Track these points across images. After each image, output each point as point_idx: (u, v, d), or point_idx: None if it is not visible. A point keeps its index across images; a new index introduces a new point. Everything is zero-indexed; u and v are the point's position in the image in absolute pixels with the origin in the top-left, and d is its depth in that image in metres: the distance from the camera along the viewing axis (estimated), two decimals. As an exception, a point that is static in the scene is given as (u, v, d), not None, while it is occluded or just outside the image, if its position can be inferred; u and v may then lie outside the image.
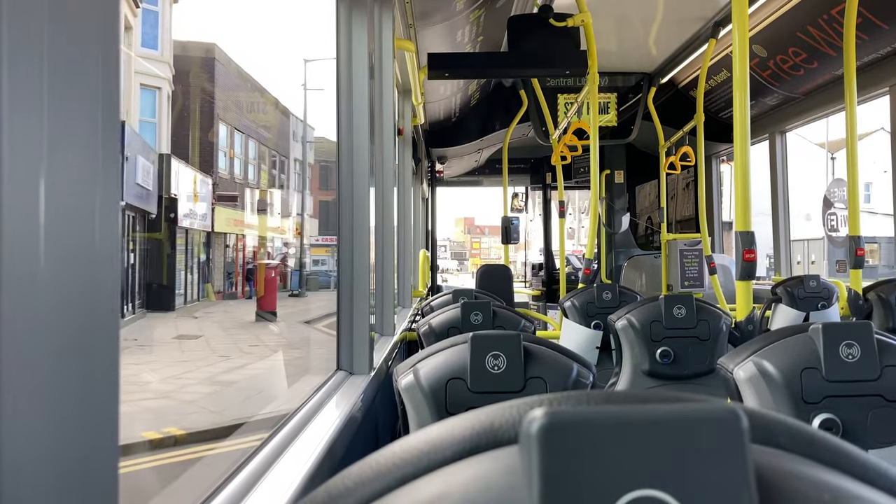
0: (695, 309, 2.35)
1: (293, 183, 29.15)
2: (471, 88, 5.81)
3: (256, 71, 69.43)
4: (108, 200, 0.55)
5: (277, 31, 63.28)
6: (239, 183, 23.21)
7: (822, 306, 3.26)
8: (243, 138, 23.94)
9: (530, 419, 0.33)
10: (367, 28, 2.09)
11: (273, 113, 27.79)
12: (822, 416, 1.38)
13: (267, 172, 26.43)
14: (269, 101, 27.38)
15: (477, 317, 2.34)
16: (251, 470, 1.11)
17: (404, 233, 4.49)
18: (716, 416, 0.33)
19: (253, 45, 52.74)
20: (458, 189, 8.26)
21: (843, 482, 0.36)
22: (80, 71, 0.52)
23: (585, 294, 3.14)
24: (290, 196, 28.95)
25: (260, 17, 57.20)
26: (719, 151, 6.05)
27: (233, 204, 22.11)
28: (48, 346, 0.49)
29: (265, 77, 78.57)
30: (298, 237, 27.36)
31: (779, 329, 1.52)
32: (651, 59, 5.56)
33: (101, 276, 0.54)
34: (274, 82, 74.59)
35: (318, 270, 29.70)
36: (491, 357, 1.38)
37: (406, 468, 0.37)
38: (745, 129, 2.29)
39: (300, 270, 25.44)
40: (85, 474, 0.52)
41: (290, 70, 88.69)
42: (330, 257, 30.43)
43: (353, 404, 1.57)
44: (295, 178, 29.16)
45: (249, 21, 52.53)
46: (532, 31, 3.41)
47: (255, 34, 54.39)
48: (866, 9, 3.37)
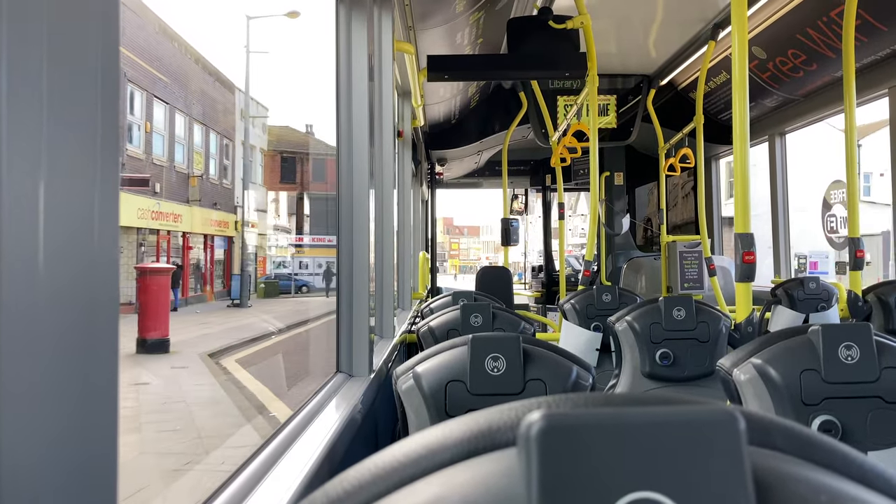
0: (694, 311, 2.35)
1: (239, 172, 23.80)
2: (470, 90, 5.82)
3: (192, 33, 59.44)
4: (107, 200, 0.55)
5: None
6: (161, 166, 18.55)
7: (821, 308, 3.26)
8: (167, 110, 18.98)
9: (528, 422, 0.33)
10: (367, 30, 2.09)
11: (216, 88, 23.09)
12: (821, 418, 1.38)
13: (203, 155, 21.46)
14: (210, 71, 22.56)
15: (477, 319, 2.34)
16: (251, 472, 1.11)
17: (404, 235, 4.49)
18: (713, 419, 0.33)
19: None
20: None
21: (840, 484, 0.36)
22: (79, 71, 0.52)
23: (585, 296, 3.14)
24: (242, 187, 23.66)
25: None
26: (719, 153, 6.06)
27: (147, 190, 17.22)
28: (47, 347, 0.49)
29: (205, 42, 67.79)
30: (242, 233, 23.02)
31: (778, 331, 1.52)
32: (650, 61, 5.57)
33: (101, 277, 0.54)
34: (218, 50, 65.91)
35: (281, 274, 27.96)
36: (490, 359, 1.38)
37: (405, 471, 0.37)
38: (744, 131, 2.29)
39: (241, 275, 21.12)
40: (85, 473, 0.52)
41: (236, 33, 73.08)
42: (309, 259, 29.42)
43: (353, 406, 1.57)
44: (245, 166, 23.65)
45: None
46: (531, 33, 3.41)
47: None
48: (865, 11, 3.37)
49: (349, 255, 2.03)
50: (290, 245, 31.40)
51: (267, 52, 31.24)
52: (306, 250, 31.00)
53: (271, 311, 19.65)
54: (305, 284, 28.60)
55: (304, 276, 29.28)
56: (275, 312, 19.09)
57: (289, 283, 27.21)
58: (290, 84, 74.00)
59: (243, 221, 23.42)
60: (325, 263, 28.45)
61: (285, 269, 29.17)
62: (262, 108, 27.76)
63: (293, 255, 30.66)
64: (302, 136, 32.14)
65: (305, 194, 31.35)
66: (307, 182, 31.51)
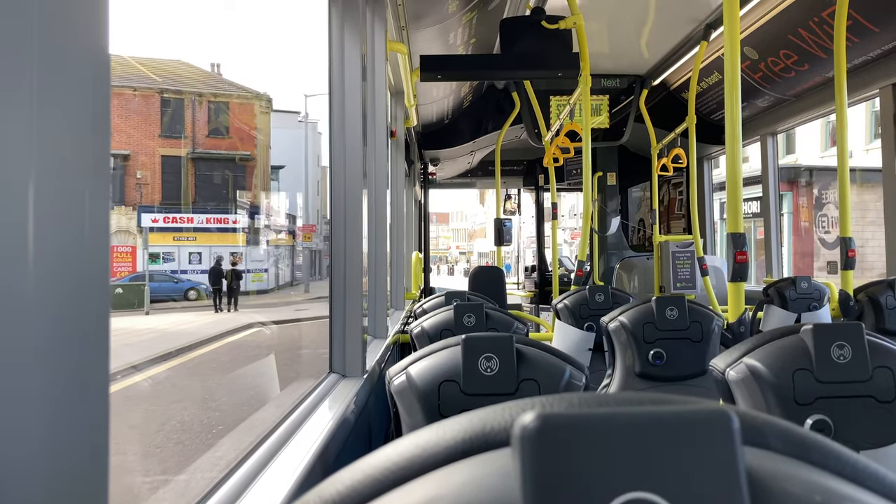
0: (687, 310, 2.35)
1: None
2: (463, 91, 5.82)
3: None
4: (98, 199, 0.55)
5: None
6: None
7: (813, 307, 3.27)
8: None
9: (522, 422, 0.33)
10: (360, 30, 2.09)
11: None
12: (814, 418, 1.39)
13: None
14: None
15: (470, 319, 2.34)
16: (243, 473, 1.10)
17: (397, 235, 4.49)
18: (707, 418, 0.33)
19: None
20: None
21: (834, 483, 0.36)
22: (69, 70, 0.52)
23: (578, 296, 3.14)
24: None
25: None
26: (711, 153, 6.08)
27: None
28: (36, 347, 0.48)
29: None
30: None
31: (770, 331, 1.53)
32: (643, 61, 5.58)
33: (91, 276, 0.54)
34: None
35: (159, 272, 20.00)
36: (483, 359, 1.38)
37: (398, 471, 0.37)
38: (736, 131, 2.29)
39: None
40: (74, 472, 0.51)
41: None
42: (203, 248, 21.27)
43: (346, 407, 1.57)
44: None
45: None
46: (524, 33, 3.41)
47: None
48: (856, 11, 3.39)
49: (342, 254, 2.03)
50: (154, 228, 21.08)
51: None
52: (198, 236, 22.13)
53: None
54: (194, 287, 20.01)
55: (194, 274, 20.93)
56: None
57: (172, 287, 19.42)
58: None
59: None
60: (230, 256, 20.82)
61: (167, 263, 21.09)
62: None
63: (177, 243, 21.74)
64: (201, 74, 24.40)
65: (199, 154, 23.09)
66: (200, 137, 23.16)
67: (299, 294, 25.27)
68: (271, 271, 24.98)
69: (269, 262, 24.83)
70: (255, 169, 24.31)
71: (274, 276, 25.33)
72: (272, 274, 25.08)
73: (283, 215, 28.46)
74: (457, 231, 58.64)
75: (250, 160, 24.21)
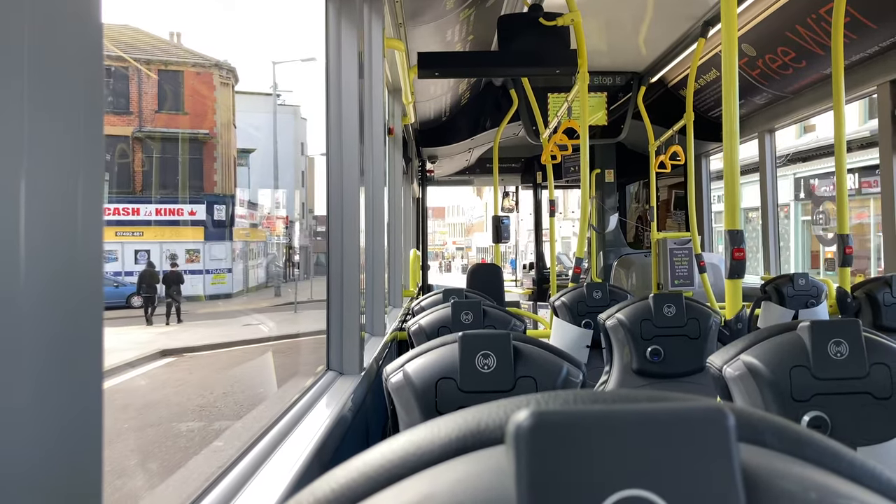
0: (684, 307, 2.35)
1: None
2: (461, 88, 5.81)
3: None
4: (91, 199, 0.54)
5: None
6: None
7: (810, 304, 3.27)
8: None
9: (517, 419, 0.33)
10: (357, 28, 2.09)
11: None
12: (811, 414, 1.39)
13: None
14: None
15: (467, 316, 2.34)
16: (240, 470, 1.10)
17: (395, 232, 4.49)
18: (702, 415, 0.33)
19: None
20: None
21: (830, 480, 0.36)
22: (62, 70, 0.52)
23: (576, 293, 3.14)
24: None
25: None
26: (709, 150, 6.08)
27: None
28: (30, 345, 0.48)
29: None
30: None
31: (768, 327, 1.53)
32: (641, 58, 5.58)
33: (85, 276, 0.54)
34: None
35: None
36: (481, 356, 1.37)
37: (392, 469, 0.37)
38: (733, 128, 2.29)
39: None
40: (69, 473, 0.51)
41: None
42: (153, 245, 17.90)
43: (344, 404, 1.57)
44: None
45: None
46: (522, 30, 3.41)
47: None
48: (854, 8, 3.39)
49: (339, 252, 2.03)
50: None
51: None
52: (145, 231, 18.78)
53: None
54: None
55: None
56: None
57: (111, 292, 15.45)
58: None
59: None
60: (188, 253, 18.58)
61: (108, 263, 17.21)
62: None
63: (120, 239, 18.15)
64: (150, 39, 20.53)
65: (147, 132, 19.33)
66: (148, 113, 19.31)
67: (268, 299, 20.89)
68: (237, 270, 20.97)
69: (235, 260, 20.68)
70: (214, 150, 20.27)
71: (242, 276, 21.48)
72: (240, 274, 21.26)
73: (256, 206, 24.68)
74: (453, 226, 56.03)
75: (209, 139, 20.18)
